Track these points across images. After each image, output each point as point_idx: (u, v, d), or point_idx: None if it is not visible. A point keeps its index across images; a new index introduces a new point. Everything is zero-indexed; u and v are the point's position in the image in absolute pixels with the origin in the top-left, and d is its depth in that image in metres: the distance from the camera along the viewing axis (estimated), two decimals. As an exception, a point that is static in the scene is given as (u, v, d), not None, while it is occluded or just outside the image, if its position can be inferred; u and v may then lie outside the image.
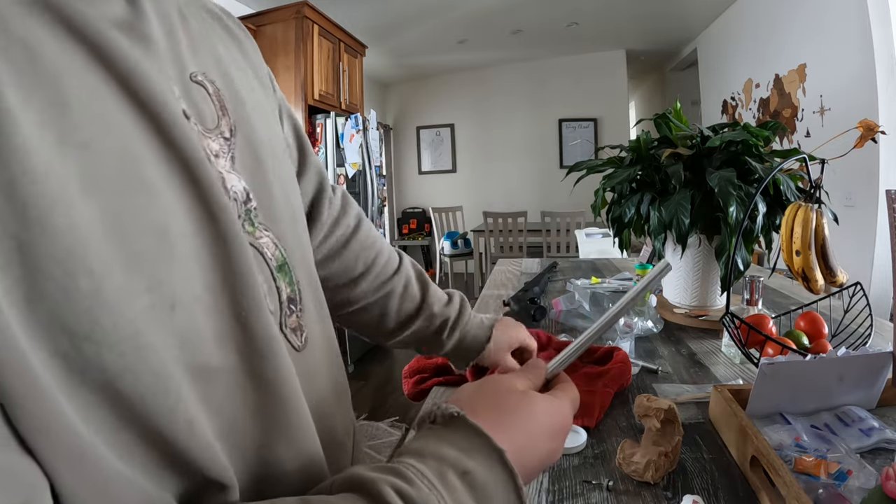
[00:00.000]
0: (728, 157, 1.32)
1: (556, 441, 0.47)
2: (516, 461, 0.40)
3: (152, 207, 0.34)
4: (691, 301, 1.46)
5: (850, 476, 0.65)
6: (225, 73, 0.49)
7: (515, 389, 0.48)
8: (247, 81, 0.53)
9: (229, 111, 0.47)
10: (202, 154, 0.38)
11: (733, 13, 5.39)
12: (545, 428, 0.46)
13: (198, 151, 0.38)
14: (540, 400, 0.47)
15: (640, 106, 9.59)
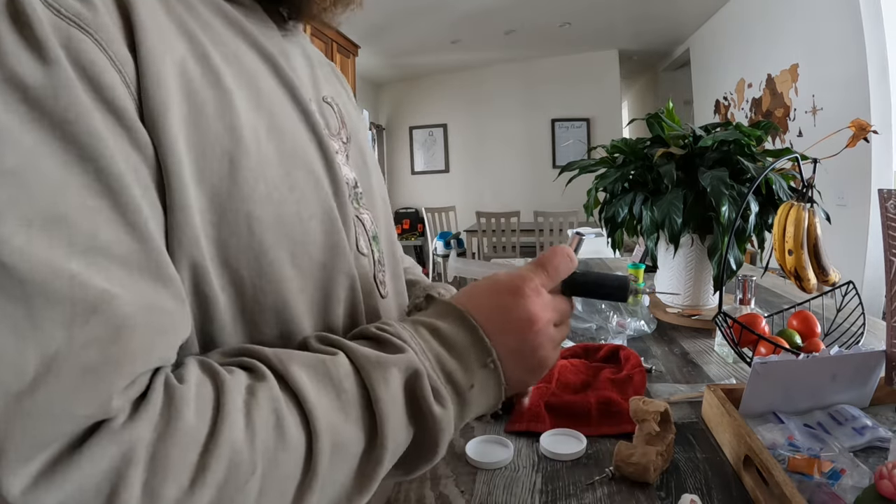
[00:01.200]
0: (720, 156, 1.32)
1: (528, 335, 0.51)
2: (483, 321, 0.49)
3: (302, 151, 0.50)
4: (684, 300, 1.46)
5: (843, 475, 0.65)
6: (343, 104, 0.66)
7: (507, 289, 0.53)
8: (355, 113, 0.71)
9: (346, 125, 0.64)
10: (328, 140, 0.54)
11: (726, 13, 5.41)
12: (518, 315, 0.51)
13: (325, 136, 0.53)
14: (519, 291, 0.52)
15: (632, 106, 9.62)
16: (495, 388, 0.49)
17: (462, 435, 0.83)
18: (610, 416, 0.86)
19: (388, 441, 0.42)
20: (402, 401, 0.43)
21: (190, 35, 0.43)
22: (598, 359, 1.11)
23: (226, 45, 0.47)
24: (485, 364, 0.48)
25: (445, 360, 0.46)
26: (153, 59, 0.38)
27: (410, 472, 0.48)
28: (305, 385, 0.39)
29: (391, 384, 0.42)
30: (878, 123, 3.13)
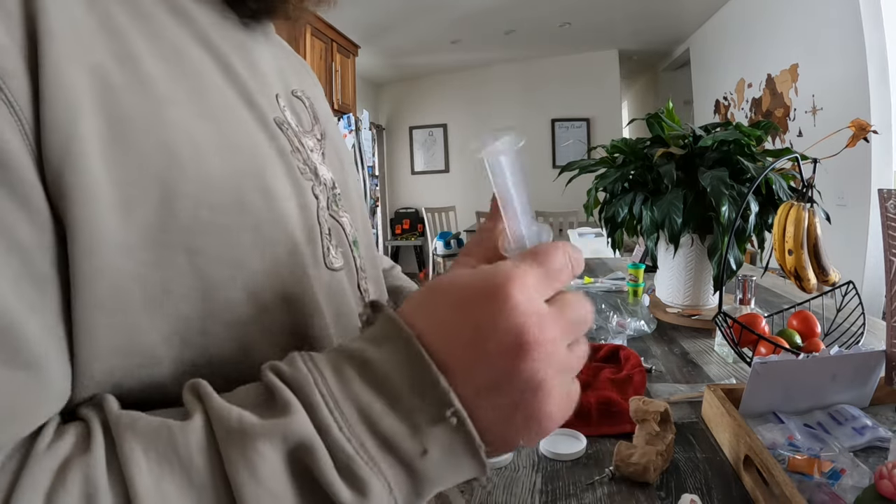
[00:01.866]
0: (720, 156, 1.32)
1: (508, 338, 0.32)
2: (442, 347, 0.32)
3: (256, 166, 0.42)
4: (684, 300, 1.46)
5: (843, 475, 0.65)
6: (314, 96, 0.61)
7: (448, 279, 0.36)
8: (325, 106, 0.65)
9: (320, 120, 0.58)
10: (285, 141, 0.47)
11: (726, 13, 5.40)
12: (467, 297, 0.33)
13: (282, 139, 0.47)
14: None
15: (632, 106, 9.61)
16: (467, 453, 0.32)
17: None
18: (610, 416, 0.86)
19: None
20: (289, 485, 0.30)
21: (115, 33, 0.36)
22: (598, 359, 1.11)
23: (164, 39, 0.39)
24: (441, 418, 0.31)
25: (376, 416, 0.31)
26: (58, 73, 0.31)
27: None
28: (137, 464, 0.29)
29: (259, 468, 0.29)
30: (878, 123, 3.12)
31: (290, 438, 0.30)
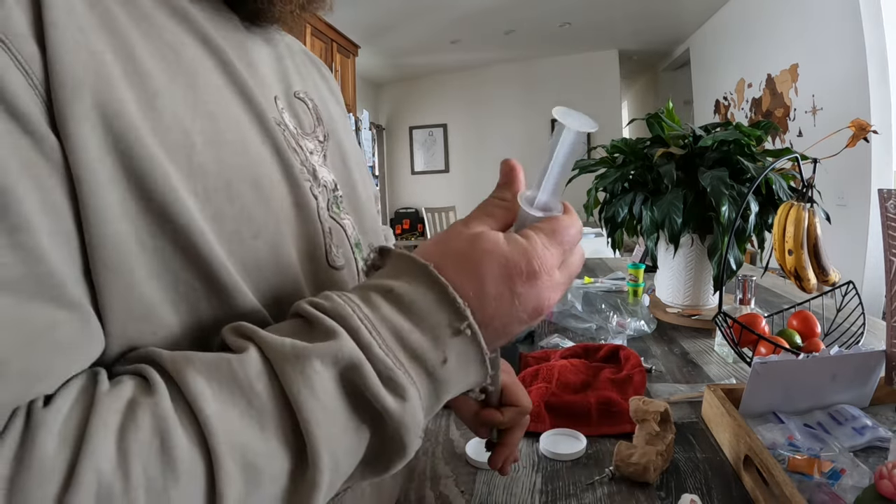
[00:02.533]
0: (720, 156, 1.32)
1: (519, 284, 0.39)
2: (461, 291, 0.37)
3: (249, 161, 0.43)
4: (684, 300, 1.46)
5: (843, 475, 0.65)
6: (321, 98, 0.61)
7: (464, 230, 0.41)
8: (336, 108, 0.66)
9: (324, 122, 0.58)
10: (282, 139, 0.48)
11: (726, 13, 5.41)
12: (496, 262, 0.38)
13: (280, 136, 0.47)
14: (492, 237, 0.40)
15: (632, 105, 9.61)
16: (476, 361, 0.38)
17: (462, 435, 0.83)
18: (610, 416, 0.86)
19: (322, 459, 0.33)
20: (340, 401, 0.34)
21: (114, 31, 0.37)
22: (598, 359, 1.11)
23: (162, 38, 0.41)
24: (458, 331, 0.36)
25: (405, 333, 0.36)
26: (62, 56, 0.33)
27: (380, 472, 0.39)
28: (202, 394, 0.31)
29: (315, 383, 0.33)
30: (878, 123, 3.12)
31: (340, 359, 0.34)
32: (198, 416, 0.31)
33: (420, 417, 0.36)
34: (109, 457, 0.28)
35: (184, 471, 0.30)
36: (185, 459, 0.30)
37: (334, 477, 0.34)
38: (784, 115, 4.33)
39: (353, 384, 0.34)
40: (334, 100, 0.69)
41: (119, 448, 0.29)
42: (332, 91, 0.70)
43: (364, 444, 0.36)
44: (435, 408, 0.39)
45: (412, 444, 0.37)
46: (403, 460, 0.38)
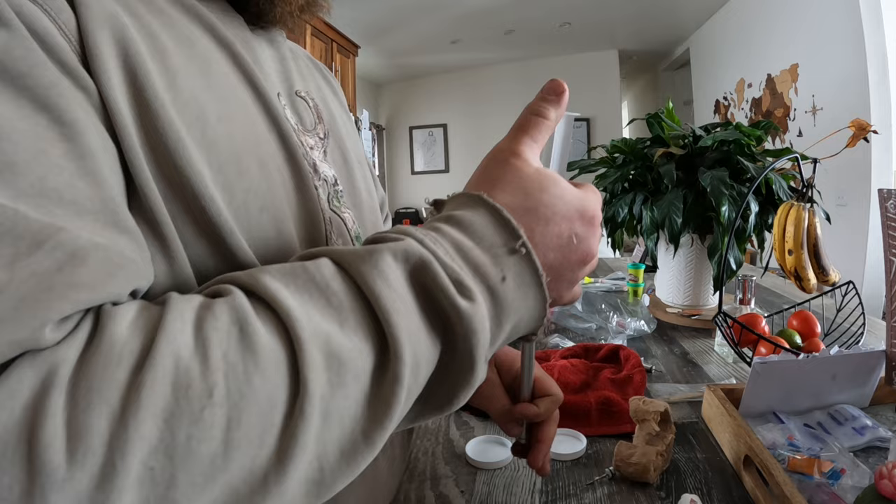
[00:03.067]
0: (720, 156, 1.32)
1: (576, 224, 0.41)
2: (521, 221, 0.38)
3: (256, 141, 0.45)
4: (684, 300, 1.46)
5: (843, 475, 0.65)
6: (322, 98, 0.63)
7: (523, 166, 0.42)
8: (337, 108, 0.67)
9: (324, 120, 0.60)
10: (291, 131, 0.50)
11: (726, 13, 5.41)
12: (557, 198, 0.40)
13: (285, 123, 0.49)
14: (556, 177, 0.42)
15: (632, 106, 9.61)
16: (533, 282, 0.38)
17: (462, 435, 0.83)
18: (610, 416, 0.86)
19: (404, 348, 0.32)
20: (413, 299, 0.34)
21: (137, 15, 0.40)
22: (598, 359, 1.11)
23: (177, 29, 0.44)
24: (513, 249, 0.37)
25: (467, 248, 0.36)
26: (93, 24, 0.36)
27: (446, 402, 0.38)
28: (279, 291, 0.31)
29: (390, 277, 0.33)
30: (878, 123, 3.13)
31: (410, 256, 0.34)
32: (277, 310, 0.31)
33: (488, 331, 0.36)
34: (186, 343, 0.28)
35: (266, 357, 0.29)
36: (267, 347, 0.29)
37: (413, 380, 0.33)
38: (784, 115, 4.33)
39: (423, 285, 0.34)
40: (337, 102, 0.70)
41: (196, 336, 0.29)
42: (335, 93, 0.71)
43: (436, 354, 0.35)
44: (497, 338, 0.38)
45: (481, 361, 0.36)
46: (468, 387, 0.37)
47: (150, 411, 0.26)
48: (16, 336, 0.26)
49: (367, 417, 0.32)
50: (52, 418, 0.25)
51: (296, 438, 0.29)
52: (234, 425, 0.28)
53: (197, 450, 0.27)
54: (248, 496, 0.28)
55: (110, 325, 0.28)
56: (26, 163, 0.29)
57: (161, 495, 0.26)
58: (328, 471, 0.31)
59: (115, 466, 0.25)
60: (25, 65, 0.32)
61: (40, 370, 0.26)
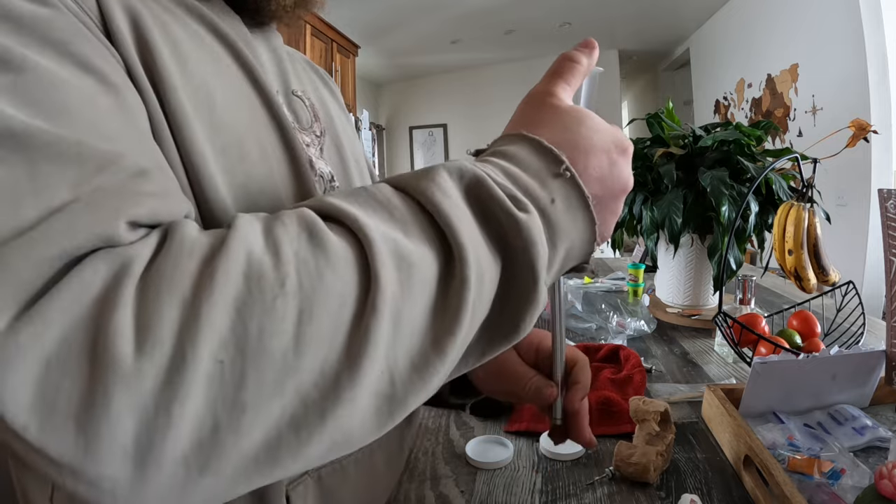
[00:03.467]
0: (720, 156, 1.32)
1: (613, 153, 0.42)
2: (565, 152, 0.39)
3: (256, 128, 0.47)
4: (684, 300, 1.46)
5: (843, 475, 0.65)
6: (319, 98, 0.65)
7: (560, 105, 0.43)
8: (335, 109, 0.68)
9: (320, 119, 0.61)
10: (287, 120, 0.51)
11: (726, 13, 5.41)
12: (593, 131, 0.42)
13: (285, 118, 0.50)
14: (591, 114, 0.43)
15: (632, 105, 9.61)
16: (580, 205, 0.38)
17: (462, 435, 0.83)
18: (610, 416, 0.86)
19: (468, 252, 0.32)
20: (469, 212, 0.34)
21: (150, 8, 0.44)
22: (598, 359, 1.11)
23: (185, 24, 0.47)
24: (558, 174, 0.38)
25: (514, 174, 0.37)
26: (113, 12, 0.39)
27: (513, 328, 0.37)
28: (343, 204, 0.32)
29: (447, 189, 0.34)
30: (878, 123, 3.13)
31: (465, 173, 0.35)
32: (343, 219, 0.31)
33: (545, 248, 0.35)
34: (258, 241, 0.29)
35: (336, 255, 0.29)
36: (337, 245, 0.30)
37: (479, 289, 0.33)
38: (784, 115, 4.33)
39: (479, 199, 0.35)
40: (336, 103, 0.71)
41: (267, 237, 0.29)
42: (333, 95, 0.73)
43: (498, 269, 0.35)
44: (553, 261, 0.38)
45: (541, 275, 0.35)
46: (533, 307, 0.36)
47: (222, 299, 0.26)
48: (94, 229, 0.27)
49: (437, 325, 0.31)
50: (122, 309, 0.25)
51: (367, 336, 0.28)
52: (306, 319, 0.27)
53: (268, 344, 0.26)
54: (319, 403, 0.27)
55: (181, 228, 0.29)
56: (79, 110, 0.31)
57: (230, 398, 0.26)
58: (399, 383, 0.30)
59: (185, 358, 0.25)
60: (69, 34, 0.35)
61: (114, 264, 0.27)
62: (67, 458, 0.24)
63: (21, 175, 0.27)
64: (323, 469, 0.53)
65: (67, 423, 0.24)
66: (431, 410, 0.92)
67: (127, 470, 0.25)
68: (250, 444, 0.26)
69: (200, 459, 0.25)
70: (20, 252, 0.25)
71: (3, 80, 0.30)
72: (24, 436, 0.24)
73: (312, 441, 0.28)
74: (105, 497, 0.25)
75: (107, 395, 0.24)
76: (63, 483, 0.25)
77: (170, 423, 0.24)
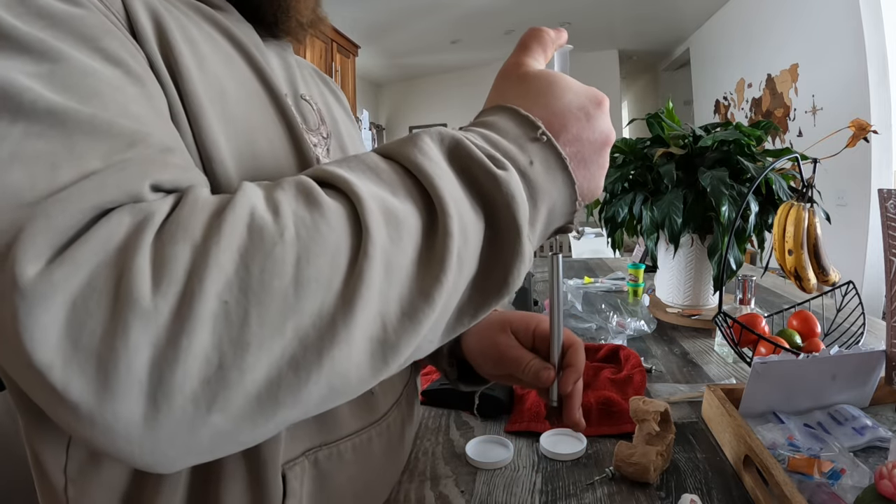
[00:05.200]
0: (720, 156, 1.32)
1: (588, 108, 0.44)
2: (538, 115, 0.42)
3: (266, 127, 0.51)
4: (684, 300, 1.46)
5: (843, 475, 0.65)
6: (326, 104, 0.68)
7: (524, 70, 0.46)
8: (341, 114, 0.72)
9: (327, 123, 0.64)
10: (295, 120, 0.54)
11: (726, 14, 5.41)
12: (565, 90, 0.44)
13: (294, 118, 0.54)
14: (560, 75, 0.45)
15: (632, 105, 9.61)
16: (558, 165, 0.40)
17: (462, 435, 0.83)
18: (610, 416, 0.86)
19: (449, 205, 0.34)
20: (451, 172, 0.36)
21: (170, 10, 0.47)
22: (598, 359, 1.11)
23: (202, 29, 0.50)
24: (535, 138, 0.40)
25: (494, 139, 0.39)
26: (137, 13, 0.44)
27: (503, 282, 0.38)
28: (334, 169, 0.35)
29: (429, 153, 0.36)
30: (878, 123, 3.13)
31: (445, 137, 0.38)
32: (335, 182, 0.34)
33: (526, 204, 0.37)
34: (260, 201, 0.32)
35: (330, 211, 0.32)
36: (331, 204, 0.32)
37: (463, 241, 0.35)
38: (784, 115, 4.33)
39: (460, 160, 0.37)
40: (342, 109, 0.74)
41: (268, 199, 0.32)
42: (339, 101, 0.76)
43: (481, 225, 0.37)
44: (536, 219, 0.39)
45: (523, 229, 0.37)
46: (520, 260, 0.37)
47: (228, 246, 0.29)
48: (122, 186, 0.31)
49: (424, 274, 0.33)
50: (142, 253, 0.28)
51: (361, 280, 0.30)
52: (304, 263, 0.30)
53: (269, 284, 0.29)
54: (317, 343, 0.29)
55: (195, 190, 0.33)
56: (110, 95, 0.35)
57: (234, 336, 0.28)
58: (391, 328, 0.32)
59: (194, 294, 0.27)
60: (99, 31, 0.38)
61: (137, 216, 0.30)
62: (86, 399, 0.26)
63: (59, 147, 0.31)
64: (319, 452, 0.54)
65: (90, 360, 0.26)
66: (431, 410, 0.92)
67: (141, 407, 0.27)
68: (253, 381, 0.28)
69: (208, 396, 0.28)
70: (57, 205, 0.29)
71: (42, 69, 0.34)
72: (48, 377, 0.26)
73: (311, 381, 0.30)
74: (120, 441, 0.27)
75: (126, 330, 0.26)
76: (80, 431, 0.27)
77: (178, 358, 0.27)
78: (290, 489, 0.50)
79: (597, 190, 0.45)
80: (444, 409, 0.92)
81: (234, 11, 0.57)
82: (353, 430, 0.59)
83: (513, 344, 0.64)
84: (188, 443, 0.28)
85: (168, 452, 0.28)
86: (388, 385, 0.66)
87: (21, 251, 0.27)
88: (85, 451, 0.47)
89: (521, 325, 0.66)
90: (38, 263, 0.27)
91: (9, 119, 0.31)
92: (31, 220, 0.28)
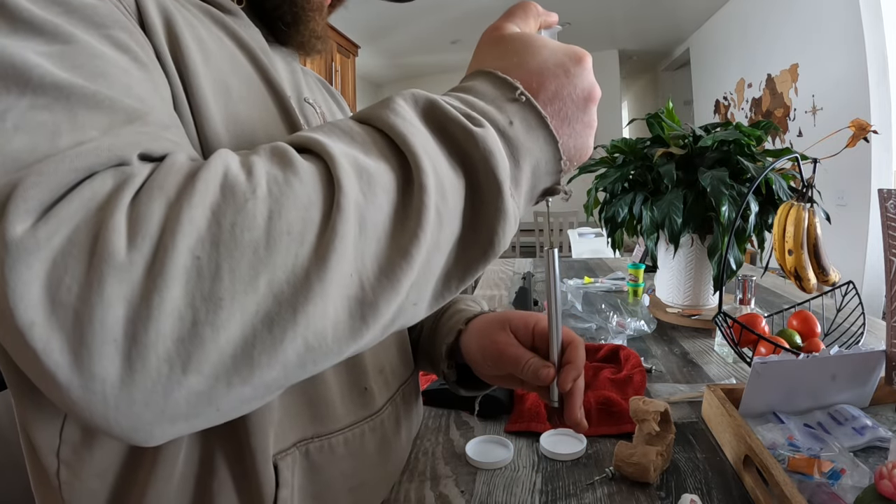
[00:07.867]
0: (720, 156, 1.32)
1: (567, 64, 0.43)
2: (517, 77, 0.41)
3: (267, 126, 0.52)
4: (684, 300, 1.46)
5: (843, 475, 0.65)
6: (329, 108, 0.71)
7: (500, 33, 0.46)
8: (341, 116, 0.74)
9: None
10: (298, 120, 0.56)
11: (726, 14, 5.41)
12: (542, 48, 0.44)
13: (297, 118, 0.55)
14: (538, 35, 0.46)
15: (632, 105, 9.61)
16: (539, 124, 0.40)
17: (462, 435, 0.83)
18: (610, 416, 0.86)
19: (423, 160, 0.34)
20: (426, 130, 0.36)
21: (180, 11, 0.49)
22: (598, 359, 1.11)
23: (210, 30, 0.52)
24: (514, 98, 0.40)
25: (472, 101, 0.39)
26: (148, 8, 0.45)
27: (488, 242, 0.37)
28: (310, 134, 0.35)
29: (403, 113, 0.36)
30: (878, 123, 3.13)
31: (419, 98, 0.38)
32: (310, 146, 0.34)
33: (505, 160, 0.37)
34: (234, 163, 0.32)
35: (303, 169, 0.32)
36: (303, 163, 0.33)
37: (441, 198, 0.34)
38: (784, 115, 4.33)
39: (435, 119, 0.37)
40: (343, 115, 0.76)
41: (243, 161, 0.33)
42: (342, 110, 0.79)
43: (461, 182, 0.36)
44: (519, 177, 0.39)
45: (504, 184, 0.36)
46: (503, 218, 0.37)
47: (201, 201, 0.29)
48: (113, 151, 0.32)
49: (400, 230, 0.33)
50: (119, 211, 0.29)
51: (335, 234, 0.30)
52: (276, 217, 0.30)
53: (241, 238, 0.29)
54: (291, 299, 0.29)
55: (175, 155, 0.33)
56: (115, 76, 0.37)
57: (207, 292, 0.28)
58: (368, 286, 0.32)
59: (167, 249, 0.28)
60: (109, 21, 0.40)
61: (120, 178, 0.31)
62: (65, 359, 0.27)
63: (62, 118, 0.32)
64: (311, 444, 0.55)
65: (67, 316, 0.27)
66: (431, 410, 0.92)
67: (116, 367, 0.27)
68: (227, 339, 0.28)
69: (182, 355, 0.28)
70: (51, 164, 0.29)
71: (53, 49, 0.35)
72: (30, 336, 0.26)
73: (286, 338, 0.29)
74: (96, 401, 0.27)
75: (101, 284, 0.27)
76: (61, 394, 0.27)
77: (152, 315, 0.27)
78: (282, 479, 0.51)
79: (584, 148, 0.45)
80: (444, 409, 0.92)
81: (244, 16, 0.59)
82: (346, 424, 0.59)
83: (512, 342, 0.64)
84: (164, 406, 0.28)
85: (144, 415, 0.28)
86: (382, 381, 0.66)
87: (13, 207, 0.28)
88: (78, 434, 0.48)
89: (520, 324, 0.66)
90: (27, 220, 0.28)
91: (17, 92, 0.32)
92: (25, 178, 0.29)
